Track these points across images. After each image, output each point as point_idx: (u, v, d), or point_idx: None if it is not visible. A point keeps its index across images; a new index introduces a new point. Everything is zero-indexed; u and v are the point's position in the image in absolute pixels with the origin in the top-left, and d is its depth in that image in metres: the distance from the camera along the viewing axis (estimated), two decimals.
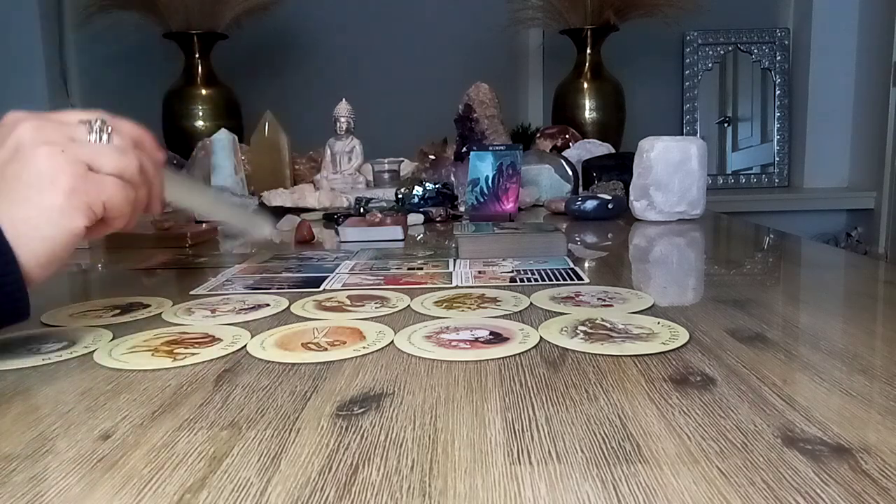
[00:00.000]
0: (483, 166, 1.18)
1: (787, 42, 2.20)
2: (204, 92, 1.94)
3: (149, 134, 0.47)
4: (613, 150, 1.55)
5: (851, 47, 2.11)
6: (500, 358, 0.41)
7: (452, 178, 1.29)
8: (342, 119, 1.47)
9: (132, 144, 0.45)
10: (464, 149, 1.35)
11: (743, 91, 2.25)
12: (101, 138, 0.43)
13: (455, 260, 0.75)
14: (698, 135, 2.20)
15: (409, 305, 0.55)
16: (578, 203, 1.10)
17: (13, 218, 0.39)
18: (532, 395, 0.35)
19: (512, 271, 0.67)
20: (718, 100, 2.26)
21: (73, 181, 0.40)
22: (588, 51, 1.96)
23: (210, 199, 0.56)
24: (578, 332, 0.46)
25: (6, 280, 0.39)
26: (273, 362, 0.42)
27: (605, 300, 0.55)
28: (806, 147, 2.16)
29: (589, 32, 1.93)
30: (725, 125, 2.26)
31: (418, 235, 1.00)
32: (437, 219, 1.13)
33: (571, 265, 0.70)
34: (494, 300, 0.56)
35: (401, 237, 0.93)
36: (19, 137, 0.40)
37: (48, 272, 0.41)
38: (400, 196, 1.19)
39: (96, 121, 0.43)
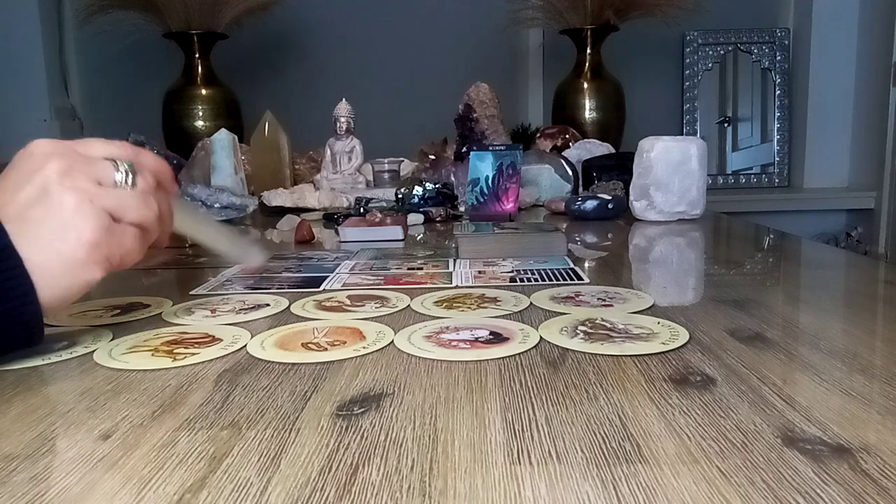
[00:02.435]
0: (483, 166, 1.18)
1: (787, 42, 2.20)
2: (204, 92, 1.94)
3: (168, 168, 0.47)
4: (613, 150, 1.55)
5: (851, 47, 2.11)
6: (500, 358, 0.41)
7: (452, 178, 1.29)
8: (342, 119, 1.47)
9: (154, 185, 0.45)
10: (464, 149, 1.35)
11: (743, 91, 2.25)
12: (126, 181, 0.42)
13: (455, 260, 0.75)
14: (698, 135, 2.20)
15: (409, 305, 0.55)
16: (578, 203, 1.10)
17: (32, 261, 0.39)
18: (532, 395, 0.35)
19: (512, 271, 0.67)
20: (718, 100, 2.26)
21: (96, 235, 0.40)
22: (588, 51, 1.96)
23: (213, 231, 0.58)
24: (578, 332, 0.46)
25: (25, 311, 0.39)
26: (273, 362, 0.42)
27: (605, 300, 0.55)
28: (806, 147, 2.16)
29: (589, 32, 1.93)
30: (725, 125, 2.26)
31: (418, 235, 1.00)
32: (437, 219, 1.13)
33: (571, 265, 0.70)
34: (494, 300, 0.56)
35: (401, 237, 0.93)
36: (47, 179, 0.40)
37: (57, 310, 0.43)
38: (400, 196, 1.18)
39: (123, 163, 0.43)
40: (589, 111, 1.94)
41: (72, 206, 0.40)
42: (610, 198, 1.11)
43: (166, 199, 0.46)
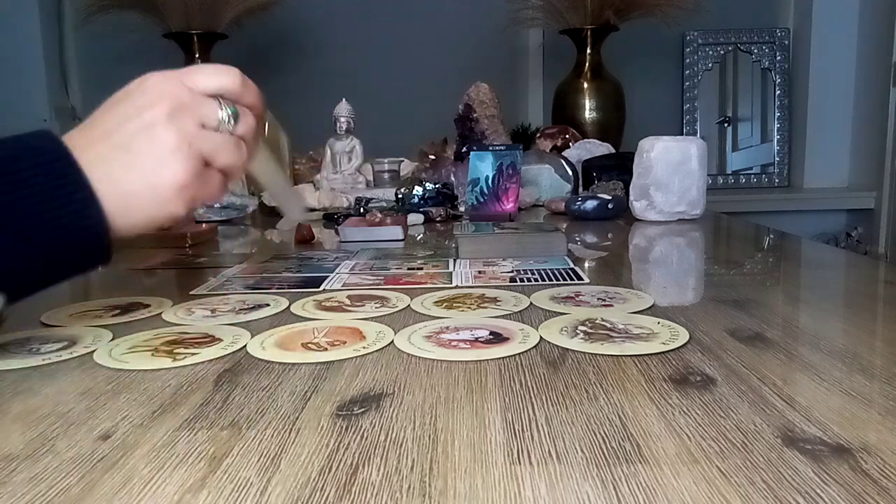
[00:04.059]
0: (483, 166, 1.18)
1: (787, 42, 2.20)
2: None
3: (262, 105, 0.49)
4: (613, 150, 1.55)
5: (851, 47, 2.11)
6: (500, 358, 0.41)
7: (452, 178, 1.29)
8: (342, 119, 1.47)
9: (252, 128, 0.47)
10: (464, 149, 1.35)
11: (743, 91, 2.25)
12: (227, 123, 0.45)
13: (455, 260, 0.75)
14: (698, 135, 2.20)
15: (409, 305, 0.55)
16: (578, 203, 1.10)
17: (121, 184, 0.41)
18: (532, 395, 0.35)
19: (512, 271, 0.67)
20: (718, 100, 2.26)
21: (188, 178, 0.42)
22: (588, 51, 1.95)
23: (277, 178, 0.56)
24: (578, 332, 0.46)
25: (86, 215, 0.40)
26: (273, 362, 0.42)
27: (605, 300, 0.55)
28: (806, 147, 2.16)
29: (589, 32, 1.93)
30: (725, 125, 2.26)
31: (418, 235, 1.00)
32: (437, 219, 1.13)
33: (571, 265, 0.70)
34: (494, 300, 0.56)
35: (401, 237, 0.93)
36: (156, 116, 0.42)
37: (134, 234, 0.43)
38: (400, 196, 1.18)
39: (227, 107, 0.45)
40: (589, 111, 1.94)
41: (172, 146, 0.42)
42: (610, 198, 1.11)
43: (255, 139, 0.48)
